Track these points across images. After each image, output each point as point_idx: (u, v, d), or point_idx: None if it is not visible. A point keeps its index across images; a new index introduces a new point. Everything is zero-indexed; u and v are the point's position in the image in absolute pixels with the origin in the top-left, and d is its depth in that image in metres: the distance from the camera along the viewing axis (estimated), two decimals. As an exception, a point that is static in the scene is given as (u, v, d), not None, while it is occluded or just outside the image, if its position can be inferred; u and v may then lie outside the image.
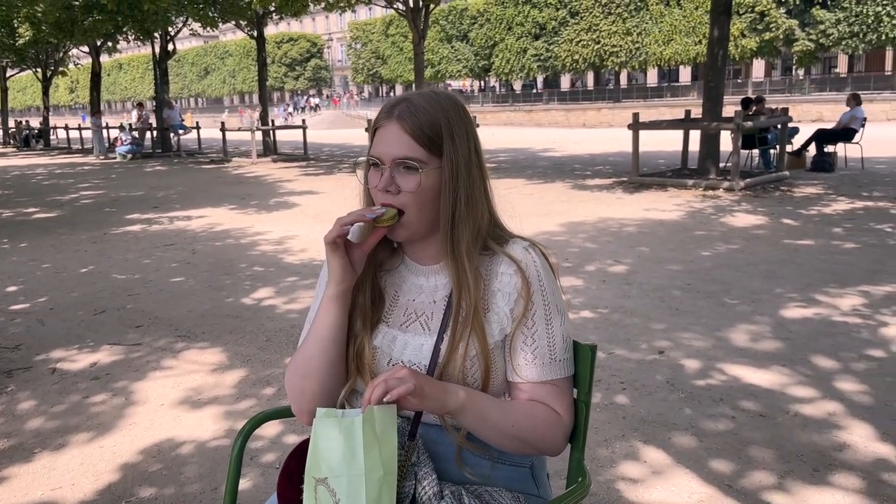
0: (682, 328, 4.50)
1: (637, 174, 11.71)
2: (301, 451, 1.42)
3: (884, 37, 32.63)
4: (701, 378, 3.71)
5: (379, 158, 1.35)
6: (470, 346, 1.36)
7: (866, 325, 4.40)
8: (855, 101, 12.96)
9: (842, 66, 43.46)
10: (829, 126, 13.34)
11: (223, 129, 21.25)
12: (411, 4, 14.84)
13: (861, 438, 3.01)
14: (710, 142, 11.32)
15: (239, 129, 23.94)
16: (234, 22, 22.35)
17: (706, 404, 3.39)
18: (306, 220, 9.53)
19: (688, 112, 12.17)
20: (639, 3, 40.56)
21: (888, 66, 39.07)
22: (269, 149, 21.15)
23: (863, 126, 12.73)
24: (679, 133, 13.24)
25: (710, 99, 11.28)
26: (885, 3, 32.08)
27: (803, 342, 4.17)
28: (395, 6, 15.82)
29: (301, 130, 21.12)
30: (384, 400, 1.20)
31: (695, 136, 11.82)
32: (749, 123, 10.77)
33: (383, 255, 1.47)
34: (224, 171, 17.61)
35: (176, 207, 11.02)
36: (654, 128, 12.92)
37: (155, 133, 23.94)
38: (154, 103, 25.10)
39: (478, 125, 2.77)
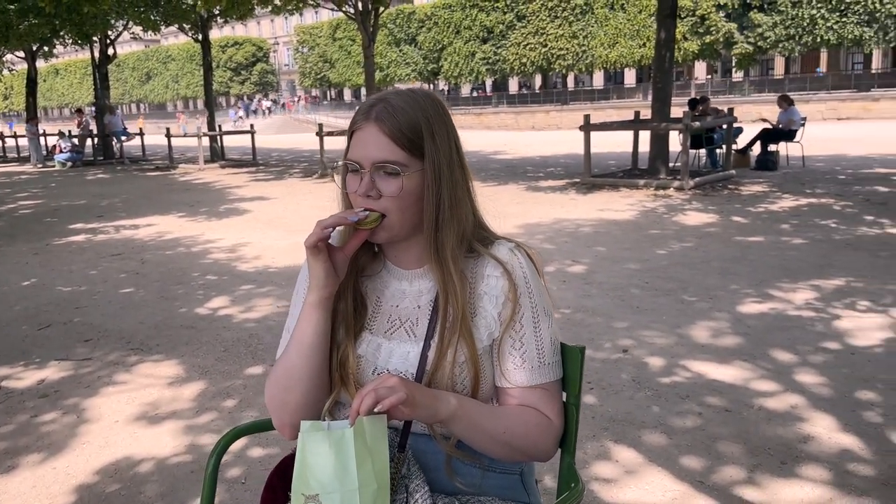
0: (643, 326, 4.54)
1: (589, 175, 11.83)
2: (285, 467, 1.36)
3: (818, 39, 33.83)
4: (666, 375, 3.74)
5: (358, 163, 1.30)
6: (458, 351, 1.31)
7: (820, 319, 4.51)
8: (786, 101, 13.35)
9: (779, 68, 44.88)
10: (771, 126, 13.69)
11: (168, 135, 20.74)
12: (360, 7, 14.72)
13: (824, 430, 3.06)
14: (659, 142, 11.53)
15: (185, 135, 23.40)
16: (177, 25, 21.85)
17: (673, 401, 3.41)
18: (258, 226, 9.35)
19: (637, 113, 12.37)
20: (584, 7, 41.19)
21: (823, 67, 40.49)
22: (217, 154, 20.73)
23: (803, 125, 13.14)
24: (628, 134, 13.44)
25: (659, 100, 11.49)
26: (819, 6, 33.26)
27: (761, 336, 4.24)
28: (343, 9, 15.68)
29: (249, 136, 20.75)
30: (375, 410, 1.14)
31: (644, 136, 12.00)
32: (697, 124, 11.00)
33: (364, 259, 1.42)
34: (171, 179, 17.18)
35: (122, 216, 10.68)
36: (605, 129, 13.08)
37: (96, 140, 23.22)
38: (94, 109, 24.33)
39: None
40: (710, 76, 44.40)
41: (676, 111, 12.35)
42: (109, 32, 22.77)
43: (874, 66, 39.71)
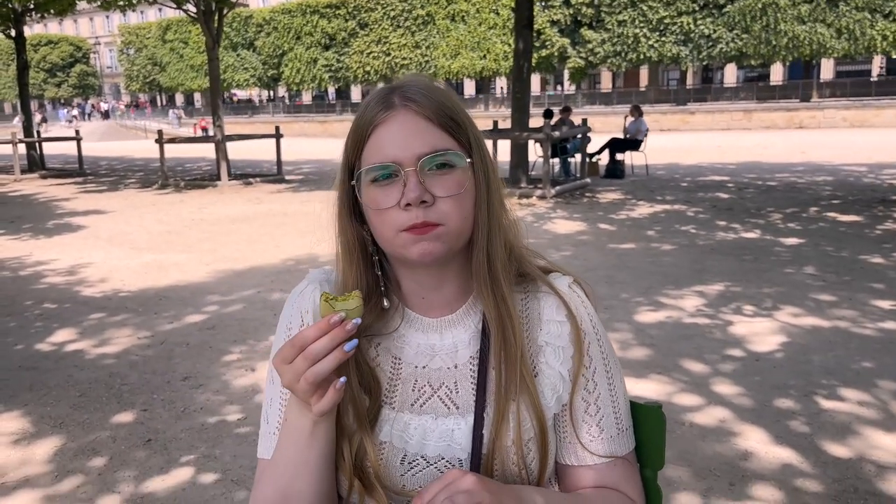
0: (549, 342, 4.38)
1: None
2: None
3: (641, 56, 36.40)
4: (588, 395, 3.57)
5: (397, 162, 0.93)
6: (523, 424, 0.98)
7: (716, 326, 4.58)
8: (637, 112, 14.11)
9: (605, 83, 47.92)
10: (620, 136, 14.39)
11: (-25, 142, 18.34)
12: (203, 8, 13.76)
13: (759, 444, 3.01)
14: (519, 151, 11.67)
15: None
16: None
17: (604, 423, 3.24)
18: (99, 243, 8.33)
19: (495, 123, 12.47)
20: (426, 18, 41.66)
21: (643, 81, 43.67)
22: (36, 163, 18.62)
23: (646, 136, 13.90)
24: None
25: (518, 109, 11.63)
26: (641, 25, 35.81)
27: (667, 347, 4.22)
28: (184, 8, 14.60)
29: (73, 143, 18.83)
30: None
31: (502, 145, 12.08)
32: (557, 133, 11.24)
33: (370, 317, 1.02)
34: (-20, 191, 15.19)
35: (-77, 235, 9.17)
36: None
37: None
38: None
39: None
40: (543, 90, 46.45)
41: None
42: None
43: (689, 83, 43.44)
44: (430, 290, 1.03)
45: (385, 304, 1.03)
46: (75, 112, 50.89)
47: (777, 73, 40.75)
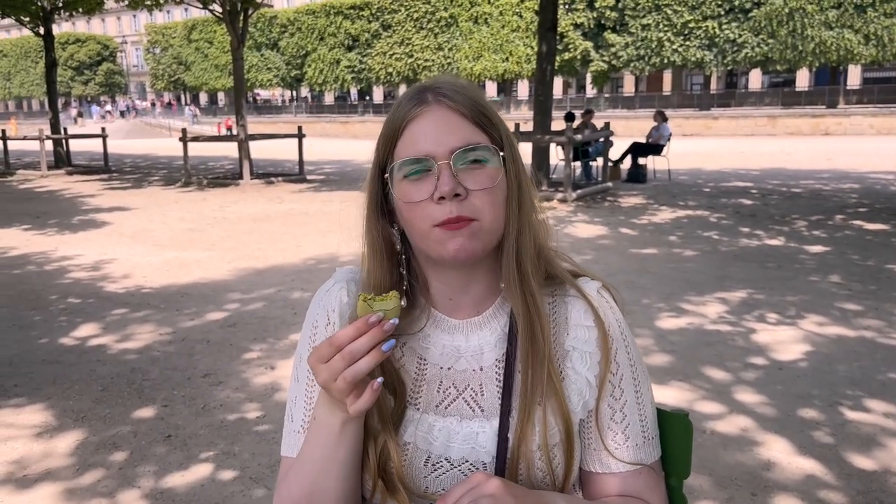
0: (569, 346, 4.35)
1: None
2: None
3: (665, 60, 36.17)
4: (608, 400, 3.55)
5: (431, 156, 0.93)
6: (550, 428, 0.97)
7: (738, 333, 4.53)
8: (661, 117, 14.01)
9: (628, 86, 47.65)
10: (642, 140, 14.29)
11: (4, 138, 18.65)
12: (228, 8, 13.87)
13: (782, 454, 2.97)
14: (540, 154, 11.63)
15: (24, 138, 21.17)
16: (13, 18, 19.72)
17: (624, 430, 3.22)
18: (123, 240, 8.42)
19: (517, 125, 12.45)
20: (449, 20, 41.72)
21: (666, 86, 43.38)
22: (62, 160, 18.88)
23: (669, 140, 13.79)
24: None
25: (541, 112, 11.59)
26: (665, 29, 35.59)
27: (689, 354, 4.17)
28: (210, 8, 14.73)
29: (99, 140, 19.08)
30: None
31: (523, 148, 12.06)
32: (579, 136, 11.20)
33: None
34: (8, 186, 15.42)
35: (-48, 229, 9.33)
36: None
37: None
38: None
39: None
40: (565, 93, 46.30)
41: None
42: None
43: (713, 88, 43.08)
44: (458, 291, 1.03)
45: (403, 303, 1.03)
46: (108, 108, 51.63)
47: (803, 79, 40.29)
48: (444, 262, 0.97)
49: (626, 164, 13.83)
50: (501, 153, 0.97)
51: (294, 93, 55.09)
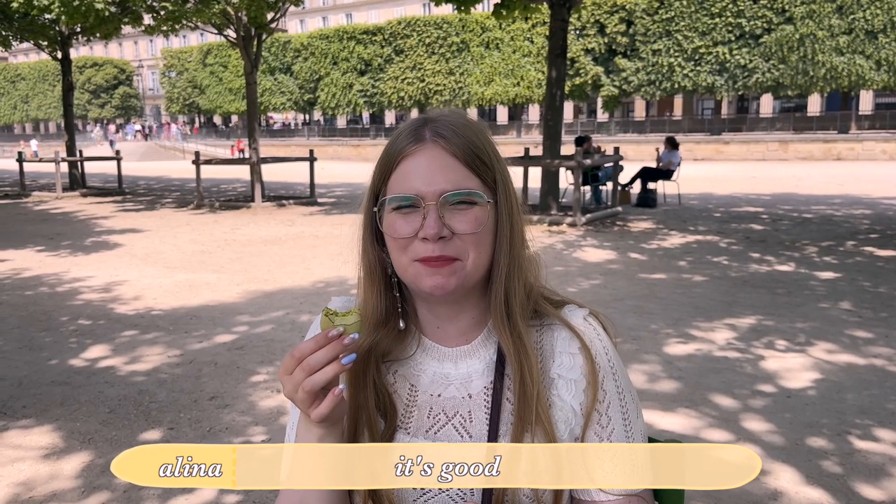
0: (576, 371, 4.34)
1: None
2: None
3: (676, 85, 36.28)
4: (614, 427, 3.53)
5: (420, 195, 0.96)
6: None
7: (746, 360, 4.50)
8: (671, 144, 14.04)
9: (639, 111, 47.79)
10: (652, 165, 14.31)
11: (20, 160, 18.91)
12: (243, 33, 14.09)
13: (790, 483, 2.94)
14: (550, 178, 11.66)
15: (40, 160, 21.45)
16: (31, 42, 20.08)
17: (630, 457, 3.19)
18: (134, 261, 8.49)
19: (527, 150, 12.53)
20: (460, 45, 42.12)
21: (677, 110, 43.48)
22: (77, 182, 19.10)
23: (679, 166, 13.81)
24: (512, 170, 13.52)
25: (550, 137, 11.65)
26: (676, 54, 35.75)
27: (696, 380, 4.15)
28: (224, 34, 14.96)
29: (113, 162, 19.32)
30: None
31: (533, 172, 12.08)
32: (589, 161, 11.23)
33: (387, 341, 1.06)
34: (24, 208, 15.61)
35: (-33, 250, 9.44)
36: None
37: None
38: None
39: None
40: (576, 117, 46.48)
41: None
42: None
43: (724, 112, 43.13)
44: (446, 320, 1.06)
45: (401, 325, 1.05)
46: (138, 127, 52.56)
47: (814, 104, 40.27)
48: (422, 295, 1.00)
49: (636, 188, 13.84)
50: (493, 197, 0.99)
51: (307, 116, 55.59)
